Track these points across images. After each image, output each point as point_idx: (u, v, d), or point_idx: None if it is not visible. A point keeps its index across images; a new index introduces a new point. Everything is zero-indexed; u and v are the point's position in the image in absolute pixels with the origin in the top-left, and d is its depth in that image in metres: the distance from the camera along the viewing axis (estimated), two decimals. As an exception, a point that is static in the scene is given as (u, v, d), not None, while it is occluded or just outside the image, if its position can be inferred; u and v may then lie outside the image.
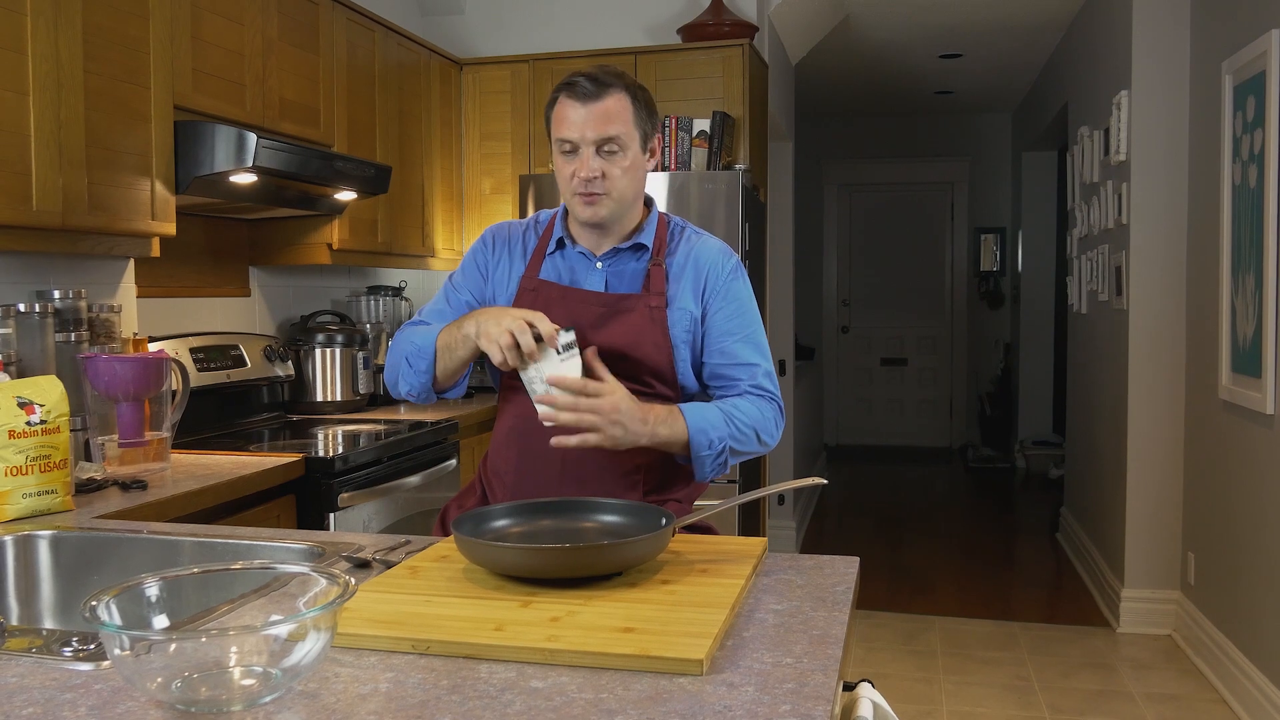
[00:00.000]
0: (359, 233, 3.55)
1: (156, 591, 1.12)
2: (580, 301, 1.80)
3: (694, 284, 1.82)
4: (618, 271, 1.83)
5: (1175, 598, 4.22)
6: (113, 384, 2.34)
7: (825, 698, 1.03)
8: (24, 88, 2.19)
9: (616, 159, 1.74)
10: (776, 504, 5.55)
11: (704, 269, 1.83)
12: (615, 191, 1.75)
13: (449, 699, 1.02)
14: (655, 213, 1.88)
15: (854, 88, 7.56)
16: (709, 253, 1.85)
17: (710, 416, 1.73)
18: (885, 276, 9.18)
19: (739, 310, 1.84)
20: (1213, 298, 3.75)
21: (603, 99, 1.72)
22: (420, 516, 3.07)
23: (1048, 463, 7.66)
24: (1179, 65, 4.14)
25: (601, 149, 1.73)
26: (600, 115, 1.72)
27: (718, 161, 3.96)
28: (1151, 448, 4.25)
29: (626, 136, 1.74)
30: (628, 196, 1.78)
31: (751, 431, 1.78)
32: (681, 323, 1.80)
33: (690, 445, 1.71)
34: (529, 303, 1.82)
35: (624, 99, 1.74)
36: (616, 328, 1.78)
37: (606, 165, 1.74)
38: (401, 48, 3.86)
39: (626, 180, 1.76)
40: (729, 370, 1.82)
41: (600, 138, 1.72)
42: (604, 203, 1.76)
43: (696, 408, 1.74)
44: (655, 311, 1.79)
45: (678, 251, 1.84)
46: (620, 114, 1.73)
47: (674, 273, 1.82)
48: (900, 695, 3.58)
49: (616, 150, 1.73)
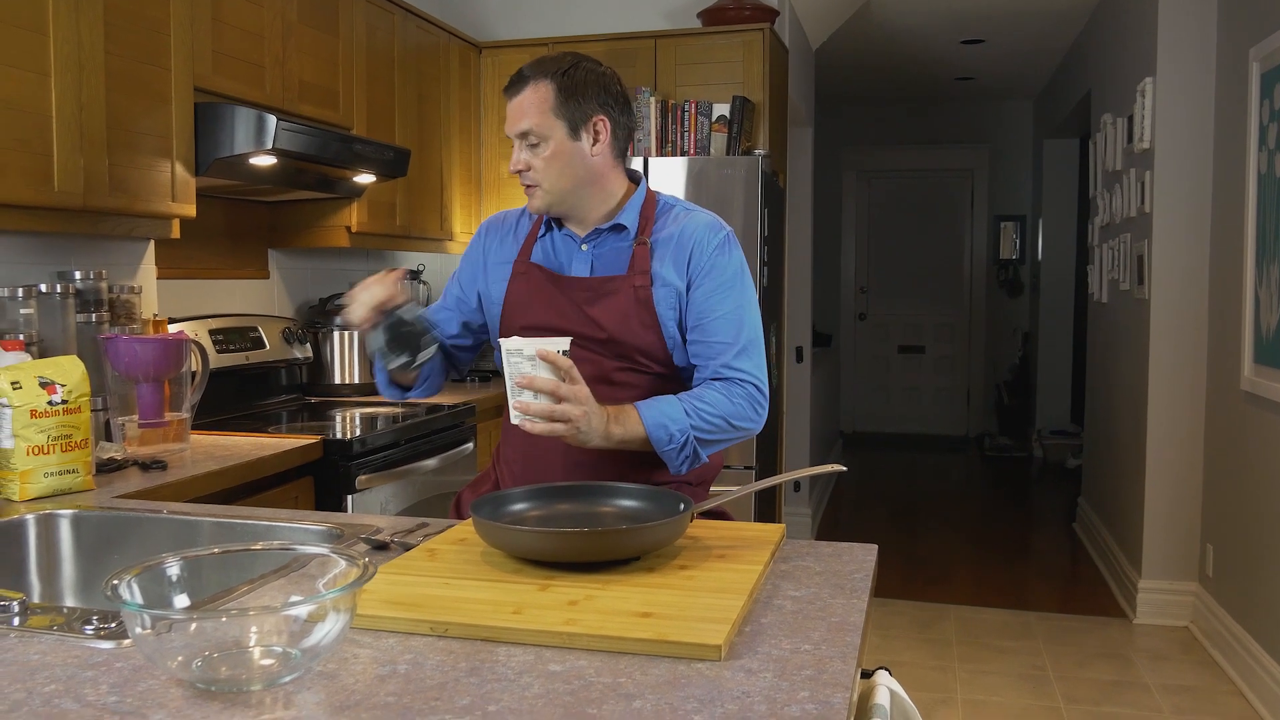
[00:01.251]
0: (378, 216, 3.56)
1: (177, 571, 1.13)
2: (568, 287, 1.81)
3: (676, 259, 1.80)
4: (603, 253, 1.83)
5: (1193, 589, 4.20)
6: (133, 365, 2.35)
7: (844, 685, 1.02)
8: (45, 69, 2.19)
9: (538, 150, 1.75)
10: (792, 491, 5.54)
11: (688, 244, 1.80)
12: (545, 182, 1.76)
13: (467, 681, 1.03)
14: (642, 191, 1.85)
15: (874, 73, 7.51)
16: (695, 227, 1.82)
17: (669, 410, 1.70)
18: (903, 264, 9.14)
19: (720, 286, 1.79)
20: (1236, 288, 3.72)
21: (521, 92, 1.75)
22: (437, 499, 3.08)
23: (1065, 452, 7.63)
24: (1205, 52, 4.09)
25: (526, 142, 1.75)
26: (517, 109, 1.75)
27: (737, 147, 3.94)
28: (1171, 438, 4.22)
29: (544, 127, 1.73)
30: (562, 185, 1.77)
31: (720, 420, 1.74)
32: (667, 300, 1.79)
33: (650, 441, 1.69)
34: (521, 285, 1.84)
35: (544, 89, 1.73)
36: (603, 310, 1.78)
37: (530, 157, 1.76)
38: (421, 30, 3.85)
39: (553, 170, 1.75)
40: (700, 350, 1.80)
41: (518, 131, 1.75)
42: (536, 193, 1.78)
43: (655, 403, 1.71)
44: (640, 291, 1.78)
45: (664, 228, 1.82)
46: (536, 105, 1.73)
47: (659, 250, 1.80)
48: (915, 683, 3.57)
49: (537, 142, 1.74)
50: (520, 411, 1.57)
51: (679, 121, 4.01)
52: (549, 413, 1.56)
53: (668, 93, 4.15)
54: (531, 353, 1.55)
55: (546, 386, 1.55)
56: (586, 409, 1.59)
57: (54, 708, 0.98)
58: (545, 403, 1.56)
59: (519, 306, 1.83)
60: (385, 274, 1.74)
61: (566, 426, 1.58)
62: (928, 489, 7.19)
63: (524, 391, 1.56)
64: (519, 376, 1.56)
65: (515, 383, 1.57)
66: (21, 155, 2.14)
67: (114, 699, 0.99)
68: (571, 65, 1.76)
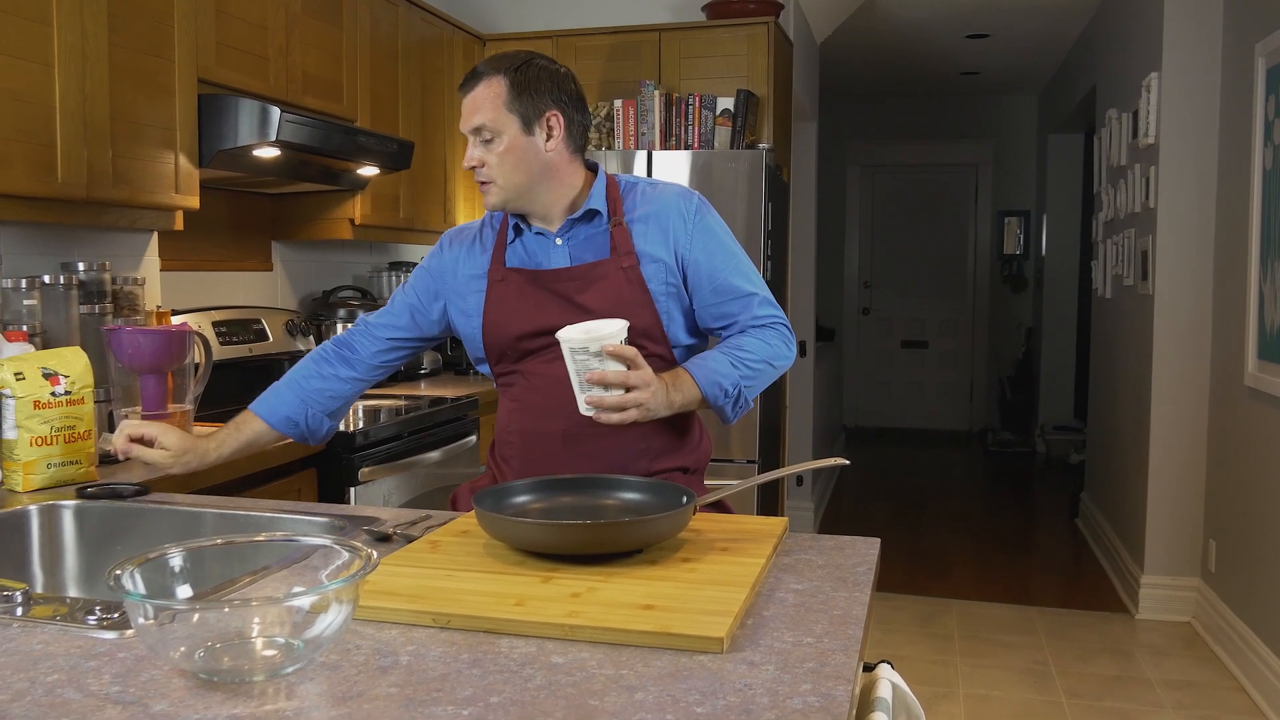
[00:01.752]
0: (381, 208, 3.56)
1: (180, 562, 1.13)
2: (552, 280, 1.79)
3: (660, 233, 1.80)
4: (578, 242, 1.82)
5: (1195, 585, 4.19)
6: (136, 356, 2.35)
7: (846, 678, 1.02)
8: (49, 60, 2.19)
9: (491, 146, 1.74)
10: (795, 485, 5.54)
11: (668, 217, 1.81)
12: (500, 178, 1.75)
13: (470, 672, 1.03)
14: (602, 177, 1.85)
15: (879, 67, 7.49)
16: (668, 199, 1.83)
17: (717, 366, 1.74)
18: (907, 258, 9.13)
19: (718, 245, 1.82)
20: (1240, 284, 3.71)
21: (474, 89, 1.75)
22: (440, 492, 3.09)
23: (1068, 448, 7.62)
24: (1211, 47, 4.08)
25: (479, 138, 1.75)
26: (470, 105, 1.75)
27: (741, 140, 3.93)
28: (1174, 434, 4.21)
29: (496, 123, 1.73)
30: (517, 180, 1.76)
31: (763, 364, 1.78)
32: (658, 276, 1.79)
33: (706, 400, 1.73)
34: (500, 294, 1.82)
35: (496, 85, 1.73)
36: (594, 296, 1.77)
37: (484, 153, 1.75)
38: (425, 23, 3.85)
39: (506, 166, 1.75)
40: (726, 306, 1.81)
41: (472, 127, 1.75)
42: (491, 190, 1.77)
43: (702, 361, 1.74)
44: (630, 271, 1.78)
45: (637, 207, 1.82)
46: (487, 101, 1.73)
47: (637, 229, 1.80)
48: (917, 677, 3.58)
49: (490, 138, 1.74)
50: (594, 406, 1.58)
51: (683, 115, 4.00)
52: (622, 403, 1.58)
53: (672, 86, 4.15)
54: (597, 349, 1.55)
55: (618, 380, 1.57)
56: (653, 387, 1.60)
57: (56, 697, 0.98)
58: (617, 394, 1.57)
59: (503, 313, 1.81)
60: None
61: (638, 411, 1.60)
62: (930, 484, 7.18)
63: (594, 386, 1.57)
64: (588, 373, 1.56)
65: (586, 379, 1.57)
66: (25, 146, 2.14)
67: (117, 689, 0.99)
68: (525, 62, 1.76)
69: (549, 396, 1.79)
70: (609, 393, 1.57)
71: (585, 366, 1.56)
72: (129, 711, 0.94)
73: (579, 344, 1.56)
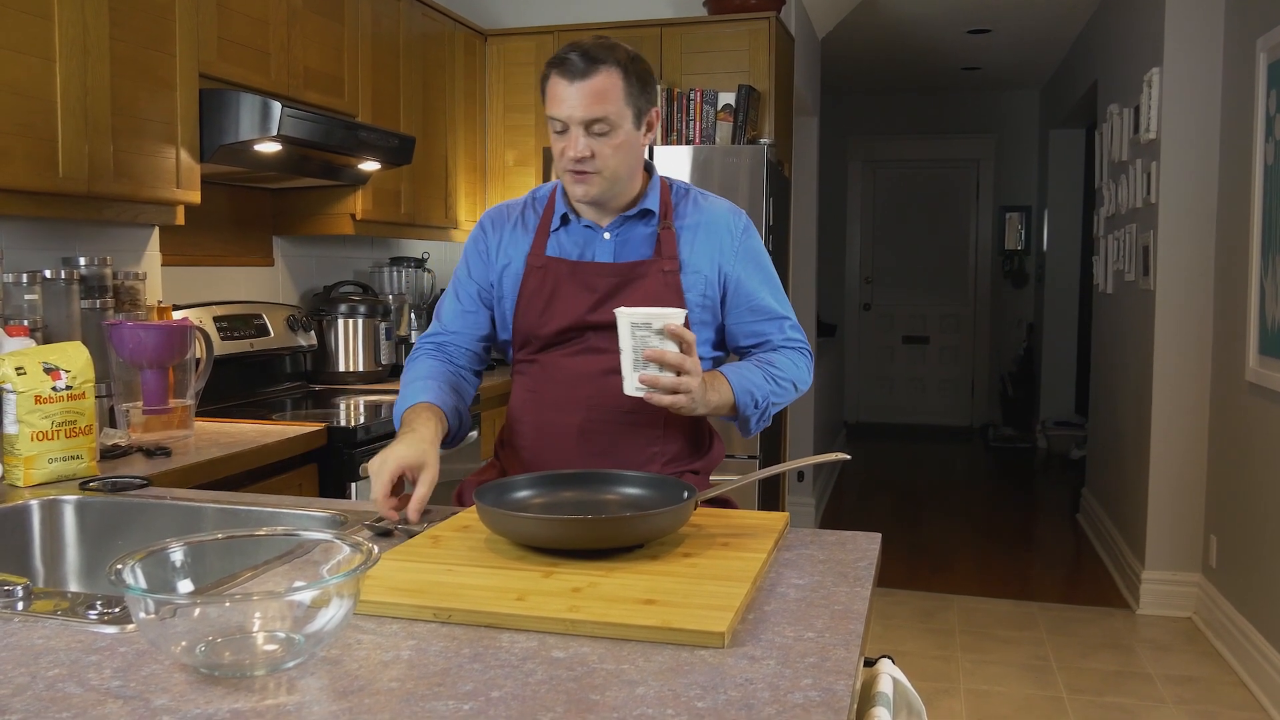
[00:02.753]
0: (382, 203, 3.55)
1: (181, 556, 1.13)
2: (592, 274, 1.79)
3: (708, 247, 1.81)
4: (625, 239, 1.81)
5: (1196, 580, 4.19)
6: (137, 351, 2.36)
7: (847, 672, 1.02)
8: (50, 54, 2.19)
9: (607, 138, 1.69)
10: (796, 481, 5.54)
11: (718, 231, 1.82)
12: (607, 170, 1.72)
13: (470, 667, 1.03)
14: (656, 177, 1.85)
15: (880, 63, 7.48)
16: (720, 215, 1.84)
17: (752, 377, 1.75)
18: (908, 254, 9.12)
19: (759, 267, 1.86)
20: (1241, 279, 3.71)
21: (592, 77, 1.66)
22: (441, 487, 3.05)
23: (1069, 443, 7.62)
24: (1212, 43, 4.07)
25: (591, 128, 1.68)
26: (589, 95, 1.66)
27: (742, 136, 3.93)
28: (1175, 429, 4.21)
29: (616, 115, 1.68)
30: (620, 174, 1.75)
31: (790, 384, 1.82)
32: (696, 287, 1.80)
33: (737, 407, 1.73)
34: (538, 280, 1.80)
35: (614, 75, 1.68)
36: (632, 295, 1.77)
37: (596, 144, 1.69)
38: (426, 18, 3.84)
39: (618, 159, 1.72)
40: (761, 326, 1.85)
41: (589, 118, 1.67)
42: (595, 181, 1.73)
43: (738, 369, 1.76)
44: (669, 276, 1.78)
45: (687, 215, 1.83)
46: (609, 92, 1.67)
47: (685, 236, 1.81)
48: (918, 673, 3.58)
49: (607, 130, 1.68)
50: (648, 385, 1.57)
51: (684, 110, 4.00)
52: (675, 385, 1.57)
53: (673, 81, 4.14)
54: (660, 326, 1.55)
55: (675, 360, 1.56)
56: (700, 379, 1.60)
57: (58, 692, 0.98)
58: (671, 376, 1.57)
59: (538, 301, 1.80)
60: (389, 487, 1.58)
61: (686, 397, 1.59)
62: (931, 479, 7.18)
63: (650, 365, 1.57)
64: (648, 350, 1.56)
65: (644, 356, 1.57)
66: (26, 141, 2.14)
67: (117, 683, 0.99)
68: (633, 54, 1.72)
69: (567, 390, 1.79)
70: (664, 373, 1.56)
71: (644, 343, 1.56)
72: (130, 706, 0.94)
73: (642, 319, 1.56)
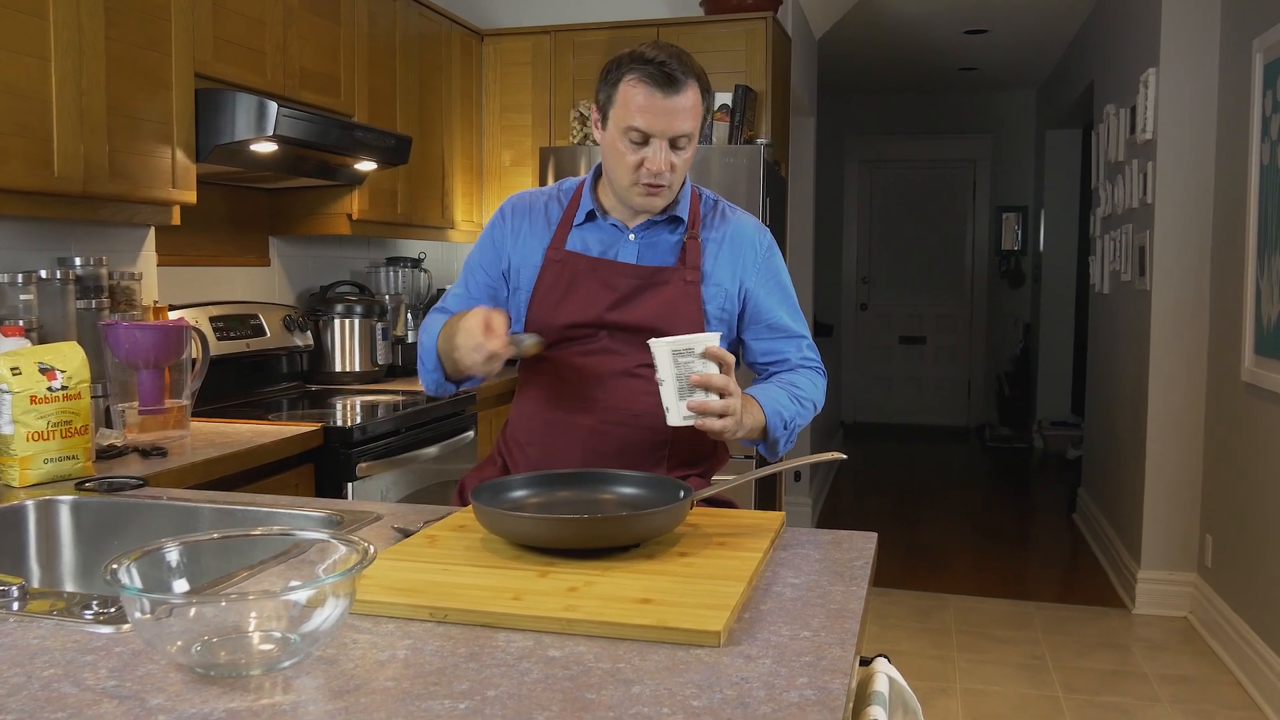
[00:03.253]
0: (379, 203, 3.55)
1: (177, 556, 1.13)
2: (613, 273, 1.77)
3: (732, 262, 1.81)
4: (650, 243, 1.80)
5: (1192, 580, 4.20)
6: (133, 351, 2.35)
7: (842, 671, 1.02)
8: (46, 54, 2.18)
9: (683, 153, 1.70)
10: (793, 480, 5.54)
11: (742, 247, 1.82)
12: (676, 183, 1.74)
13: (466, 666, 1.03)
14: (689, 185, 1.85)
15: (877, 63, 7.49)
16: (746, 231, 1.84)
17: (779, 398, 1.75)
18: (905, 254, 9.13)
19: (780, 285, 1.86)
20: (1237, 279, 3.71)
21: (683, 92, 1.65)
22: (438, 487, 3.08)
23: (1066, 443, 7.63)
24: (1209, 43, 4.08)
25: (675, 144, 1.68)
26: (683, 111, 1.66)
27: (739, 136, 3.93)
28: (1171, 429, 4.22)
29: (695, 131, 1.70)
30: (680, 183, 1.77)
31: (810, 404, 1.82)
32: (716, 299, 1.79)
33: (767, 429, 1.72)
34: (555, 274, 1.78)
35: (697, 90, 1.68)
36: (651, 300, 1.76)
37: (675, 158, 1.70)
38: (422, 18, 3.84)
39: (686, 170, 1.75)
40: (780, 344, 1.85)
41: (678, 134, 1.67)
42: (664, 194, 1.74)
43: (766, 391, 1.75)
44: (690, 286, 1.77)
45: (714, 227, 1.82)
46: (695, 108, 1.68)
47: (710, 249, 1.80)
48: (914, 672, 3.58)
49: (685, 145, 1.70)
50: (698, 411, 1.54)
51: (681, 110, 4.00)
52: (725, 407, 1.54)
53: (669, 81, 4.14)
54: (701, 350, 1.52)
55: (721, 384, 1.53)
56: (740, 400, 1.58)
57: (53, 692, 0.98)
58: (718, 400, 1.54)
59: (555, 295, 1.78)
60: (489, 330, 1.56)
61: (733, 420, 1.56)
62: (928, 479, 7.19)
63: (697, 390, 1.53)
64: (694, 375, 1.53)
65: (690, 382, 1.53)
66: (22, 140, 2.13)
67: (113, 683, 0.99)
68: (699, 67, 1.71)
69: (580, 390, 1.77)
70: (711, 397, 1.53)
71: (689, 370, 1.53)
72: (125, 706, 0.94)
73: (684, 345, 1.52)
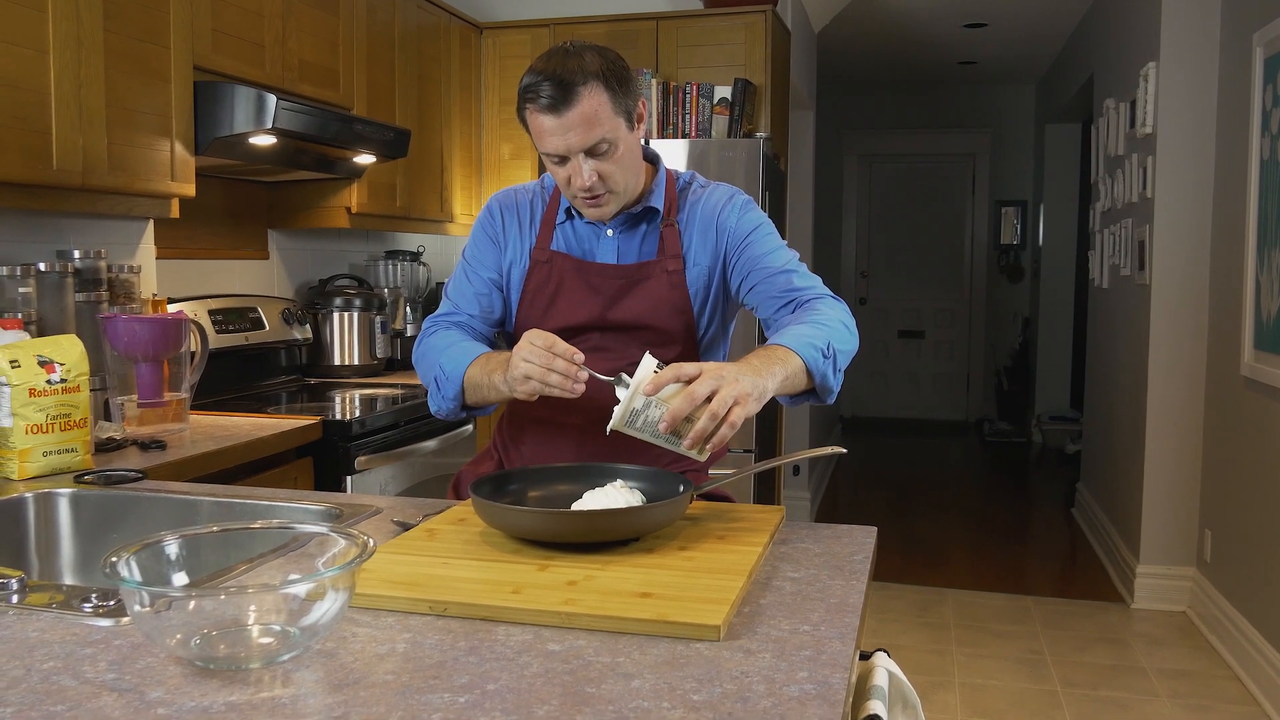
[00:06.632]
0: (377, 197, 3.55)
1: (176, 549, 1.13)
2: (597, 275, 1.76)
3: (704, 238, 1.76)
4: (630, 237, 1.78)
5: (1191, 574, 4.20)
6: (132, 344, 2.35)
7: (842, 665, 1.02)
8: (44, 46, 2.18)
9: (609, 157, 1.62)
10: (791, 475, 5.55)
11: (712, 219, 1.76)
12: (618, 187, 1.67)
13: (466, 660, 1.03)
14: (663, 171, 1.80)
15: (876, 57, 7.47)
16: (714, 202, 1.78)
17: (803, 331, 1.58)
18: (904, 248, 9.12)
19: (766, 235, 1.76)
20: (1237, 274, 3.71)
21: (575, 104, 1.56)
22: (436, 481, 3.08)
23: (1064, 438, 7.63)
24: (1209, 37, 4.07)
25: (592, 152, 1.61)
26: (579, 123, 1.57)
27: (738, 129, 3.93)
28: (1171, 424, 4.22)
29: (612, 132, 1.60)
30: (630, 182, 1.70)
31: (840, 325, 1.64)
32: (699, 282, 1.77)
33: (807, 365, 1.54)
34: (543, 275, 1.77)
35: (596, 91, 1.57)
36: (637, 298, 1.75)
37: (602, 167, 1.63)
38: (421, 10, 3.83)
39: (625, 170, 1.67)
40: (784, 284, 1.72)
41: (588, 145, 1.59)
42: (609, 199, 1.68)
43: (785, 334, 1.59)
44: (674, 276, 1.75)
45: (685, 208, 1.78)
46: (598, 112, 1.58)
47: (686, 232, 1.77)
48: (913, 667, 3.58)
49: (607, 149, 1.61)
50: (700, 442, 1.40)
51: (680, 104, 4.00)
52: (714, 415, 1.37)
53: (669, 75, 4.14)
54: (643, 401, 1.40)
55: (687, 405, 1.37)
56: (723, 373, 1.40)
57: (52, 685, 0.98)
58: (703, 421, 1.38)
59: (543, 298, 1.77)
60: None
61: (738, 408, 1.38)
62: (927, 474, 7.19)
63: (684, 425, 1.40)
64: (663, 423, 1.39)
65: (660, 430, 1.40)
66: (20, 133, 2.13)
67: (112, 676, 0.99)
68: (606, 56, 1.62)
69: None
70: (696, 422, 1.38)
71: (655, 420, 1.40)
72: (125, 699, 0.94)
73: (636, 413, 1.40)
